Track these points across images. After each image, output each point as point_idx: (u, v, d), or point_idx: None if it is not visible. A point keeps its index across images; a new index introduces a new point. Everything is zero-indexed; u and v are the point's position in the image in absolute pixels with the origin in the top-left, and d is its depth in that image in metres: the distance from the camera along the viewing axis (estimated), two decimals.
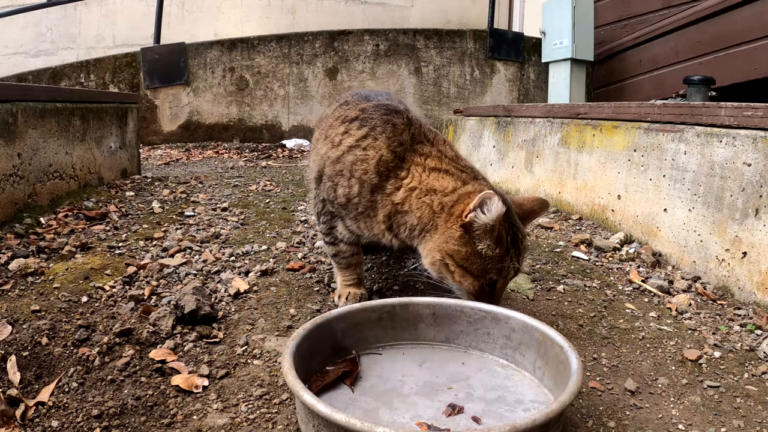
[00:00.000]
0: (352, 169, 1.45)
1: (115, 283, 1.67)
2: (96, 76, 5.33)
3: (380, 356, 1.31)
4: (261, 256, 2.00)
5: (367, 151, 1.46)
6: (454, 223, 1.32)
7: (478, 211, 1.26)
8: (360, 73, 5.69)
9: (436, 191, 1.38)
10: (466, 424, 1.06)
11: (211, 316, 1.46)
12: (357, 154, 1.46)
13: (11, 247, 1.86)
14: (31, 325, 1.34)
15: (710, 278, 1.84)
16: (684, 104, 2.03)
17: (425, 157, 1.45)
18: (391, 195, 1.42)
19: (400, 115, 1.51)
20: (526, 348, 1.26)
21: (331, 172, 1.51)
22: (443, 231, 1.35)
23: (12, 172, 2.18)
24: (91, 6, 6.40)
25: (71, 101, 2.75)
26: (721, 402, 1.20)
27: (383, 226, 1.47)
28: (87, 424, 1.07)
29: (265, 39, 5.55)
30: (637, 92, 4.98)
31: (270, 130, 5.65)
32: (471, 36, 5.84)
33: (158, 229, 2.27)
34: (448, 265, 1.35)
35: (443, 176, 1.41)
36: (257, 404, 1.14)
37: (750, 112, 1.71)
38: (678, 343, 1.46)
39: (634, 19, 5.10)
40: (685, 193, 1.97)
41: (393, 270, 1.91)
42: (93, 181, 2.91)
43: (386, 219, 1.45)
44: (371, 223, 1.49)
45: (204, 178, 3.56)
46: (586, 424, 1.11)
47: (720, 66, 3.94)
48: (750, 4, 3.72)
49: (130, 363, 1.25)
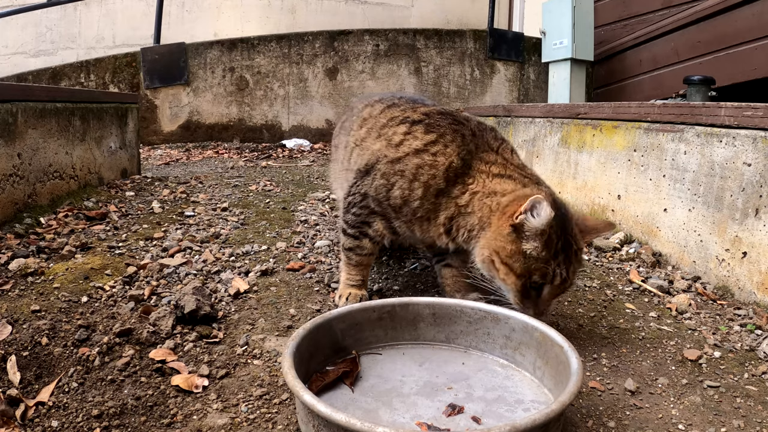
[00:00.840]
0: (417, 172, 1.46)
1: (115, 283, 1.67)
2: (96, 76, 5.33)
3: (380, 356, 1.31)
4: (261, 256, 2.00)
5: (436, 157, 1.47)
6: (506, 222, 1.35)
7: (529, 214, 1.29)
8: (360, 73, 5.69)
9: (497, 193, 1.43)
10: (466, 424, 1.06)
11: (211, 316, 1.46)
12: (425, 158, 1.47)
13: (11, 247, 1.86)
14: (31, 325, 1.34)
15: (710, 278, 1.84)
16: (684, 104, 2.03)
17: (490, 164, 1.48)
18: (456, 198, 1.45)
19: (466, 126, 1.54)
20: (526, 348, 1.26)
21: (387, 170, 1.51)
22: (495, 228, 1.38)
23: (12, 172, 2.18)
24: (91, 6, 6.40)
25: (71, 101, 2.75)
26: (721, 402, 1.20)
27: (442, 229, 1.48)
28: (87, 424, 1.07)
29: (265, 39, 5.55)
30: (637, 92, 4.99)
31: (270, 130, 5.65)
32: (471, 36, 5.84)
33: (158, 229, 2.27)
34: (494, 261, 1.36)
35: (506, 181, 1.45)
36: (257, 404, 1.14)
37: (750, 112, 1.71)
38: (678, 343, 1.46)
39: (634, 19, 5.10)
40: (685, 193, 1.97)
41: (393, 270, 1.91)
42: (93, 181, 2.91)
43: (447, 221, 1.47)
44: (428, 226, 1.50)
45: (204, 178, 3.56)
46: (586, 424, 1.11)
47: (720, 66, 3.94)
48: (750, 4, 3.72)
49: (130, 363, 1.25)
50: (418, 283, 1.80)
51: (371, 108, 1.77)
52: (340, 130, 1.98)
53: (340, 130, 1.98)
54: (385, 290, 1.73)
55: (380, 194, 1.52)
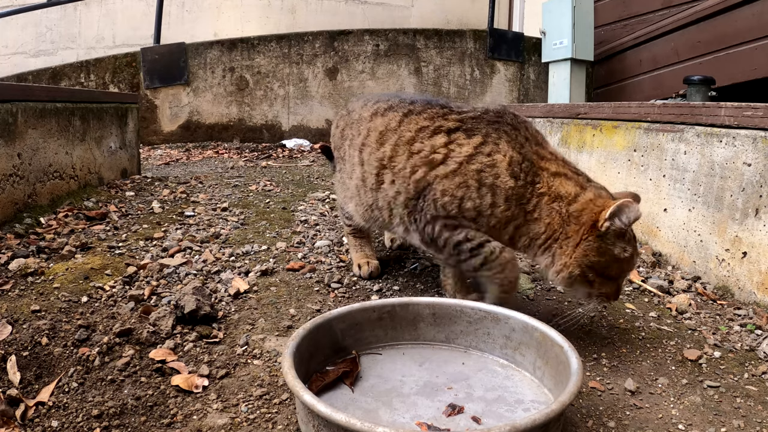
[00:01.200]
0: (480, 177, 1.38)
1: (115, 283, 1.67)
2: (96, 76, 5.33)
3: (380, 356, 1.31)
4: (261, 256, 2.00)
5: (493, 156, 1.39)
6: (590, 234, 1.31)
7: (615, 219, 1.28)
8: (360, 73, 5.69)
9: (562, 197, 1.37)
10: (466, 424, 1.06)
11: (211, 316, 1.46)
12: (482, 160, 1.39)
13: (11, 247, 1.86)
14: (31, 325, 1.34)
15: (710, 278, 1.84)
16: (684, 104, 2.03)
17: (545, 160, 1.42)
18: (525, 204, 1.38)
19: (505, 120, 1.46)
20: (526, 348, 1.26)
21: (447, 187, 1.40)
22: (578, 244, 1.33)
23: (12, 172, 2.18)
24: (91, 6, 6.40)
25: (71, 101, 2.75)
26: (721, 402, 1.20)
27: (506, 237, 1.43)
28: (87, 424, 1.07)
29: (265, 39, 5.55)
30: (637, 92, 4.98)
31: (270, 130, 5.65)
32: (471, 36, 5.84)
33: (158, 229, 2.27)
34: (588, 276, 1.34)
35: (565, 181, 1.39)
36: (257, 404, 1.14)
37: (750, 112, 1.71)
38: (678, 343, 1.46)
39: (634, 19, 5.09)
40: (685, 193, 1.97)
41: (393, 270, 1.91)
42: (93, 181, 2.91)
43: (515, 229, 1.41)
44: (498, 234, 1.42)
45: (204, 178, 3.56)
46: (586, 424, 1.11)
47: (720, 66, 3.94)
48: (750, 4, 3.72)
49: (130, 363, 1.25)
50: (418, 283, 1.80)
51: (384, 118, 1.59)
52: (342, 141, 1.77)
53: (342, 141, 1.77)
54: (385, 290, 1.73)
55: (452, 210, 1.41)
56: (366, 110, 1.68)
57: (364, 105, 1.72)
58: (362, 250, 1.87)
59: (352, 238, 1.89)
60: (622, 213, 1.27)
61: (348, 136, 1.72)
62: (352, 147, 1.67)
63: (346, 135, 1.74)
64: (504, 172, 1.38)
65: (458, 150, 1.42)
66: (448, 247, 1.44)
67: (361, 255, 1.86)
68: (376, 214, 1.61)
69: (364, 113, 1.67)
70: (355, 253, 1.88)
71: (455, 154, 1.42)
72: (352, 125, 1.71)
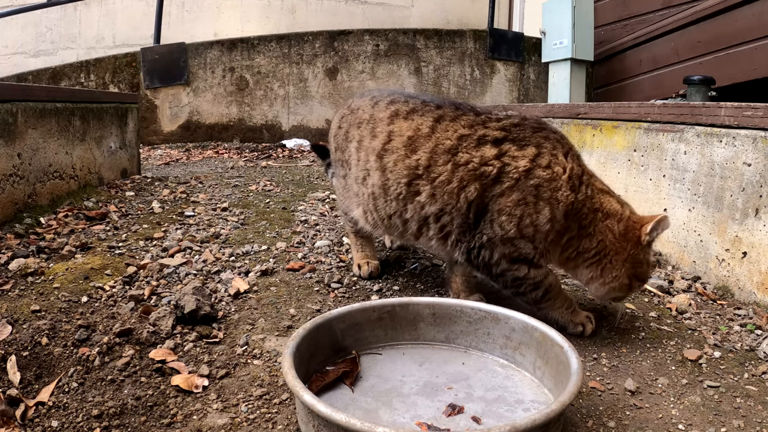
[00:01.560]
0: (539, 192, 1.35)
1: (115, 283, 1.67)
2: (96, 76, 5.33)
3: (380, 356, 1.31)
4: (261, 256, 2.00)
5: (552, 168, 1.37)
6: (635, 248, 1.41)
7: (654, 233, 1.40)
8: (360, 73, 5.69)
9: (611, 216, 1.42)
10: (466, 424, 1.06)
11: (211, 316, 1.46)
12: (540, 174, 1.35)
13: (11, 247, 1.86)
14: (31, 325, 1.34)
15: (710, 278, 1.84)
16: (684, 104, 2.03)
17: (591, 175, 1.45)
18: (582, 218, 1.40)
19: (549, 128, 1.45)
20: (526, 348, 1.26)
21: (504, 205, 1.36)
22: (626, 257, 1.41)
23: (12, 172, 2.18)
24: (91, 6, 6.40)
25: (71, 101, 2.75)
26: (721, 402, 1.20)
27: (558, 251, 1.44)
28: (87, 424, 1.07)
29: (265, 39, 5.55)
30: (637, 92, 4.98)
31: (270, 130, 5.65)
32: (471, 36, 5.84)
33: (158, 229, 2.27)
34: (631, 281, 1.44)
35: (608, 198, 1.44)
36: (257, 404, 1.14)
37: (750, 112, 1.71)
38: (678, 343, 1.46)
39: (634, 19, 5.09)
40: (685, 193, 1.97)
41: (393, 270, 1.91)
42: (93, 181, 2.91)
43: (567, 241, 1.42)
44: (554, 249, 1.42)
45: (204, 178, 3.56)
46: (586, 424, 1.11)
47: (720, 66, 3.94)
48: (750, 4, 3.72)
49: (130, 363, 1.25)
50: (418, 283, 1.80)
51: (409, 122, 1.50)
52: (346, 142, 1.67)
53: (346, 142, 1.67)
54: (385, 290, 1.73)
55: (510, 230, 1.36)
56: (380, 110, 1.58)
57: (374, 104, 1.62)
58: (363, 251, 1.86)
59: (354, 238, 1.88)
60: (659, 227, 1.40)
61: (354, 137, 1.62)
62: (364, 150, 1.57)
63: (351, 136, 1.64)
64: (565, 185, 1.36)
65: (513, 164, 1.37)
66: (505, 278, 1.42)
67: (362, 255, 1.85)
68: (397, 224, 1.54)
69: (378, 114, 1.57)
70: (356, 252, 1.86)
71: (510, 168, 1.37)
72: (360, 125, 1.61)
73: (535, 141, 1.40)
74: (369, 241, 1.88)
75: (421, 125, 1.48)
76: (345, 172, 1.71)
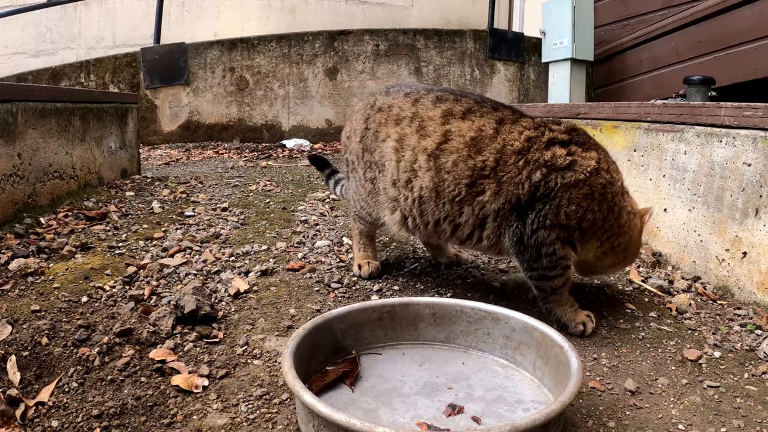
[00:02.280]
0: (604, 192, 1.46)
1: (115, 283, 1.67)
2: (96, 76, 5.33)
3: (380, 356, 1.31)
4: (261, 256, 2.00)
5: (612, 174, 1.50)
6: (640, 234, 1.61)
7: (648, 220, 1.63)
8: (360, 73, 5.69)
9: (636, 214, 1.57)
10: (466, 424, 1.06)
11: (211, 316, 1.46)
12: (605, 177, 1.47)
13: (11, 247, 1.86)
14: (31, 325, 1.34)
15: (710, 278, 1.84)
16: (684, 104, 2.03)
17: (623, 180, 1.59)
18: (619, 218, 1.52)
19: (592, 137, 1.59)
20: (526, 348, 1.26)
21: (574, 196, 1.43)
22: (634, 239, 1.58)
23: (12, 172, 2.18)
24: (91, 6, 6.40)
25: (71, 101, 2.75)
26: (721, 402, 1.20)
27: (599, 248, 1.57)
28: (87, 424, 1.07)
29: (265, 39, 5.55)
30: (637, 92, 4.98)
31: (270, 130, 5.65)
32: (471, 36, 5.84)
33: (158, 229, 2.27)
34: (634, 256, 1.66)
35: (631, 198, 1.59)
36: (257, 404, 1.14)
37: (750, 112, 1.71)
38: (678, 343, 1.46)
39: (634, 19, 5.09)
40: (685, 193, 1.97)
41: (393, 270, 1.91)
42: (93, 181, 2.91)
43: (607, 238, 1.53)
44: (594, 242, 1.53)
45: (204, 178, 3.56)
46: (586, 424, 1.11)
47: (720, 66, 3.94)
48: (750, 4, 3.71)
49: (130, 363, 1.25)
50: (418, 283, 1.80)
51: (468, 122, 1.49)
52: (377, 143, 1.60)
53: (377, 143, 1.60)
54: (385, 290, 1.73)
55: (573, 220, 1.43)
56: (427, 108, 1.54)
57: (415, 101, 1.57)
58: (365, 250, 1.85)
59: (358, 237, 1.85)
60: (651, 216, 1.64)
61: (390, 136, 1.56)
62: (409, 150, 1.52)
63: (385, 135, 1.58)
64: (619, 191, 1.51)
65: (583, 162, 1.45)
66: (549, 258, 1.45)
67: (363, 255, 1.85)
68: (445, 229, 1.53)
69: (426, 112, 1.53)
70: (358, 252, 1.86)
71: (582, 163, 1.45)
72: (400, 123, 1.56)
73: (593, 146, 1.51)
74: (372, 241, 1.88)
75: (483, 126, 1.49)
76: (373, 175, 1.63)
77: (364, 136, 1.66)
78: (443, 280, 1.82)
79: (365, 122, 1.66)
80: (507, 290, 1.77)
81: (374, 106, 1.66)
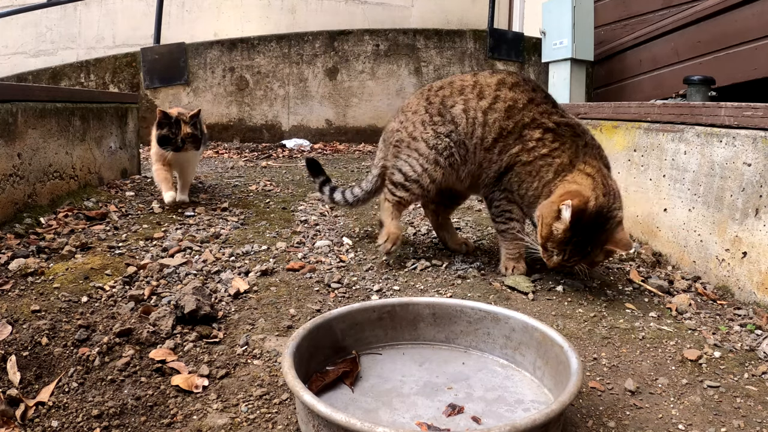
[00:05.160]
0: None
1: (115, 283, 1.67)
2: (96, 76, 5.33)
3: (380, 356, 1.31)
4: (261, 256, 2.00)
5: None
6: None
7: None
8: (360, 73, 5.69)
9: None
10: (466, 424, 1.06)
11: (211, 316, 1.46)
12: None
13: (11, 247, 1.86)
14: (31, 325, 1.34)
15: (710, 278, 1.84)
16: (684, 104, 2.03)
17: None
18: None
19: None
20: (526, 348, 1.26)
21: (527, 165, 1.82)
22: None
23: (12, 172, 2.18)
24: (91, 6, 6.40)
25: (71, 101, 2.75)
26: (721, 402, 1.20)
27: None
28: (87, 424, 1.07)
29: (265, 39, 5.55)
30: (637, 92, 4.98)
31: (270, 130, 5.65)
32: (471, 36, 5.84)
33: (158, 229, 2.27)
34: None
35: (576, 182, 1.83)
36: (257, 404, 1.14)
37: (750, 112, 1.71)
38: (678, 343, 1.46)
39: (634, 19, 5.09)
40: (685, 193, 1.97)
41: (393, 270, 1.91)
42: (93, 181, 2.91)
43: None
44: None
45: (204, 178, 3.56)
46: (586, 424, 1.11)
47: (720, 66, 3.94)
48: (750, 4, 3.71)
49: (130, 363, 1.25)
50: (419, 283, 1.80)
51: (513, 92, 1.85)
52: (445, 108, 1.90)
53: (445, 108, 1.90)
54: (385, 290, 1.73)
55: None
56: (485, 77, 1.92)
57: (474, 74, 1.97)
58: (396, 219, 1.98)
59: (393, 208, 1.97)
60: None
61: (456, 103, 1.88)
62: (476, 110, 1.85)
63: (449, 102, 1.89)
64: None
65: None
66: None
67: (396, 225, 1.96)
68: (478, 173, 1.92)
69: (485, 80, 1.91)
70: (391, 220, 1.96)
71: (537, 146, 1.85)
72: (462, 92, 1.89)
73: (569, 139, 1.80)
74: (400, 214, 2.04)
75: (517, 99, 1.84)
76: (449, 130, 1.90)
77: (431, 102, 1.92)
78: (443, 280, 1.82)
79: (426, 101, 1.93)
80: (506, 289, 1.77)
81: (432, 89, 1.96)
